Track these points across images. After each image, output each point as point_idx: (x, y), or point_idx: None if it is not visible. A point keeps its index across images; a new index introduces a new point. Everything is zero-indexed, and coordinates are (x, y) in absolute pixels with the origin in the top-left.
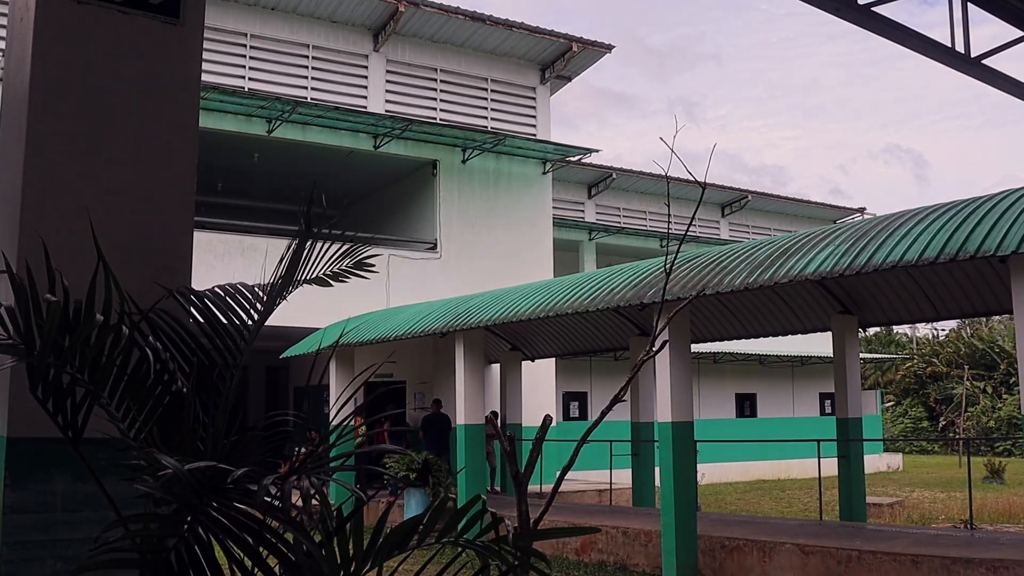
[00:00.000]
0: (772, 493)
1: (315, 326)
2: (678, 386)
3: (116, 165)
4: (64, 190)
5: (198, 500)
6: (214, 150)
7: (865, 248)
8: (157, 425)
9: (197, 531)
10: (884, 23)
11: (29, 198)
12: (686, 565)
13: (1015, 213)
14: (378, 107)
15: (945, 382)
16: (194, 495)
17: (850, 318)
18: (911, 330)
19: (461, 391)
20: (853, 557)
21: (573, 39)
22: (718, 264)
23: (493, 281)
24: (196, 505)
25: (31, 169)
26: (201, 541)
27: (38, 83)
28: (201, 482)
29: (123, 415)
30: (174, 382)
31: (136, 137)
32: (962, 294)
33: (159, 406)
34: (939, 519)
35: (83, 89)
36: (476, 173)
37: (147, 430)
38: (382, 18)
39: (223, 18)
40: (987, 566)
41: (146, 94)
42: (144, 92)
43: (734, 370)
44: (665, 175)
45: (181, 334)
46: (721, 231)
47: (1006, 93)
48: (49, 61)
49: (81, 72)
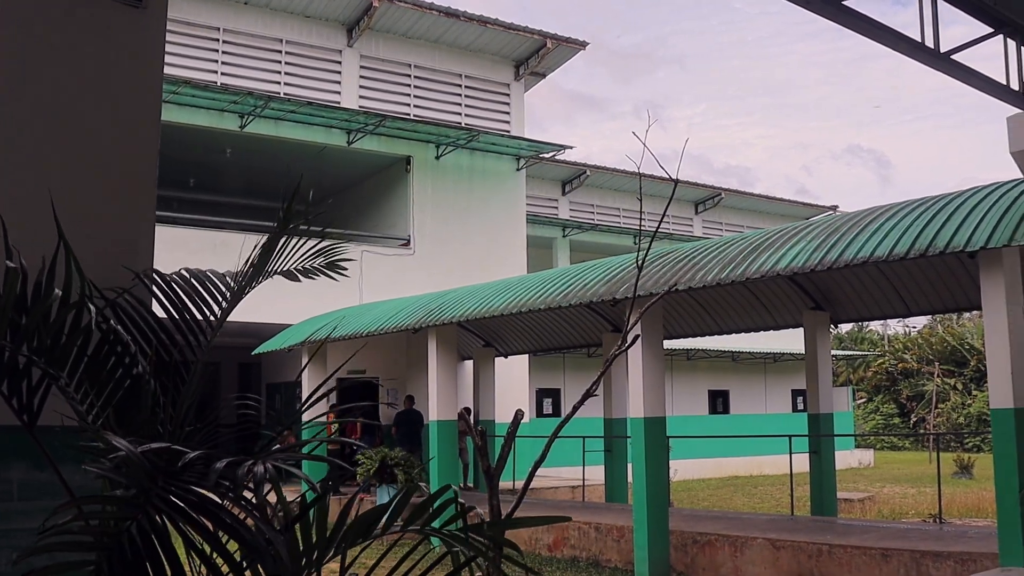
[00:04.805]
0: (744, 489)
1: (288, 322)
2: (650, 382)
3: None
4: (23, 171)
5: (151, 483)
6: (186, 145)
7: (836, 244)
8: (115, 409)
9: (151, 514)
10: (856, 18)
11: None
12: (658, 560)
13: (984, 209)
14: (352, 103)
15: (916, 379)
16: (147, 478)
17: (822, 314)
18: (883, 327)
19: (434, 387)
20: (824, 551)
21: (548, 35)
22: (690, 260)
23: (466, 277)
24: (149, 488)
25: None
26: (156, 525)
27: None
28: (155, 465)
29: (81, 399)
30: (135, 365)
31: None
32: (933, 290)
33: (119, 389)
34: (909, 514)
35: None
36: (450, 169)
37: (105, 415)
38: (356, 13)
39: (195, 12)
40: (955, 559)
41: (107, 77)
42: (105, 75)
43: (707, 367)
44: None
45: (143, 315)
46: (695, 228)
47: (972, 87)
48: (6, 42)
49: (40, 53)
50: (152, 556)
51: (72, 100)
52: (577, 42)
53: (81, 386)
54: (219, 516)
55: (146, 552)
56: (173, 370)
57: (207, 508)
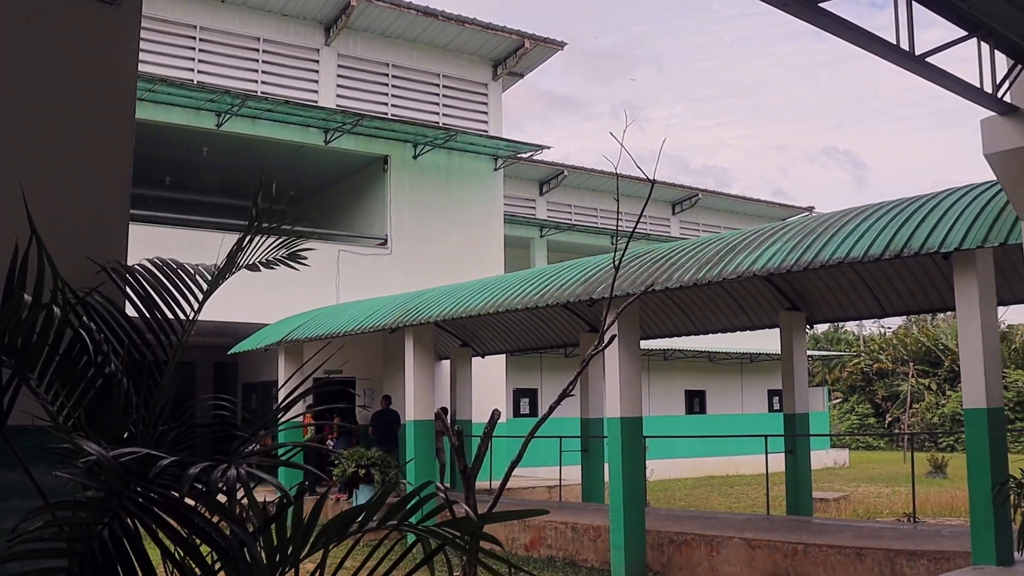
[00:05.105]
0: (720, 489)
1: (264, 322)
2: (627, 382)
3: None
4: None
5: (123, 487)
6: (162, 143)
7: (812, 245)
8: (87, 409)
9: (123, 519)
10: (832, 19)
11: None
12: (635, 560)
13: (958, 211)
14: (329, 102)
15: (891, 379)
16: (119, 482)
17: (798, 315)
18: (858, 328)
19: (411, 387)
20: (799, 550)
21: (526, 36)
22: (667, 260)
23: (444, 277)
24: (121, 492)
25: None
26: (128, 529)
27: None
28: (127, 469)
29: (52, 399)
30: (107, 365)
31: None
32: (907, 291)
33: (90, 389)
34: (883, 513)
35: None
36: (427, 169)
37: (76, 415)
38: (334, 12)
39: (172, 9)
40: (929, 558)
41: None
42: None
43: (684, 367)
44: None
45: (114, 314)
46: (672, 229)
47: (947, 90)
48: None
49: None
50: (124, 560)
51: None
52: (555, 42)
53: (52, 386)
54: (192, 520)
55: (118, 556)
56: (146, 370)
57: (180, 512)
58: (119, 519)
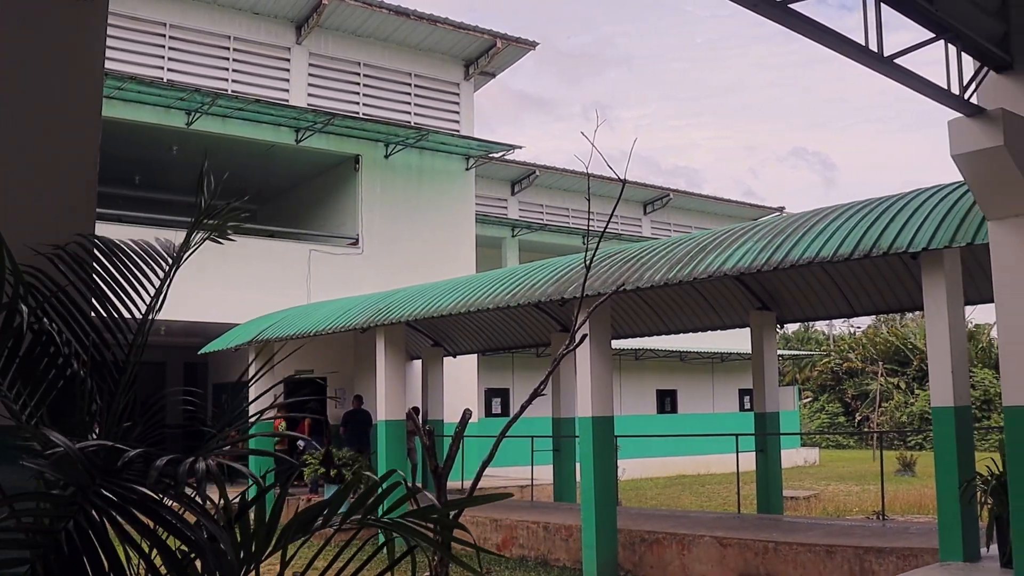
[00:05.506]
0: (692, 488)
1: (234, 322)
2: (598, 381)
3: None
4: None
5: (90, 480)
6: (132, 142)
7: (782, 245)
8: (50, 409)
9: (88, 512)
10: (802, 21)
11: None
12: (606, 559)
13: (926, 211)
14: (300, 101)
15: (861, 378)
16: (85, 475)
17: (768, 314)
18: (828, 327)
19: (382, 387)
20: (770, 548)
21: (498, 35)
22: (638, 260)
23: (415, 277)
24: (87, 486)
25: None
26: (94, 522)
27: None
28: (93, 463)
29: (15, 398)
30: (68, 365)
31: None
32: (876, 291)
33: (52, 389)
34: (853, 511)
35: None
36: (399, 168)
37: (39, 414)
38: (305, 11)
39: (142, 7)
40: (897, 555)
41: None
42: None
43: (655, 366)
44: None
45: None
46: (643, 229)
47: (915, 91)
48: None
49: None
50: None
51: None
52: (527, 42)
53: (14, 385)
54: (159, 513)
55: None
56: (106, 369)
57: (147, 505)
58: (84, 513)
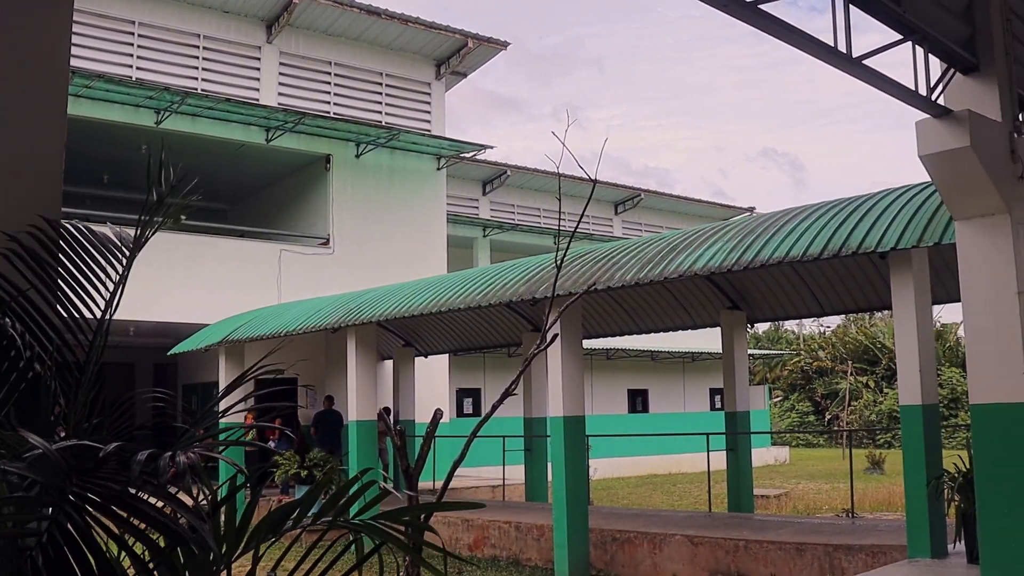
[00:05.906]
0: (663, 487)
1: (204, 322)
2: (570, 381)
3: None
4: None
5: (66, 480)
6: (100, 141)
7: (752, 244)
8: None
9: (67, 511)
10: (772, 21)
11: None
12: (578, 559)
13: (894, 211)
14: (271, 100)
15: (830, 377)
16: (60, 475)
17: (739, 314)
18: (798, 327)
19: (353, 387)
20: (740, 547)
21: (469, 35)
22: (609, 260)
23: (386, 277)
24: (63, 486)
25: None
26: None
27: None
28: (67, 462)
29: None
30: (30, 368)
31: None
32: (845, 290)
33: (14, 392)
34: (823, 509)
35: None
36: (370, 168)
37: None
38: (275, 9)
39: (110, 5)
40: (867, 552)
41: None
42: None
43: (627, 366)
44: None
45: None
46: (614, 229)
47: (883, 92)
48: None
49: None
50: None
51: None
52: (498, 42)
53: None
54: (140, 508)
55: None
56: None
57: (126, 501)
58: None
